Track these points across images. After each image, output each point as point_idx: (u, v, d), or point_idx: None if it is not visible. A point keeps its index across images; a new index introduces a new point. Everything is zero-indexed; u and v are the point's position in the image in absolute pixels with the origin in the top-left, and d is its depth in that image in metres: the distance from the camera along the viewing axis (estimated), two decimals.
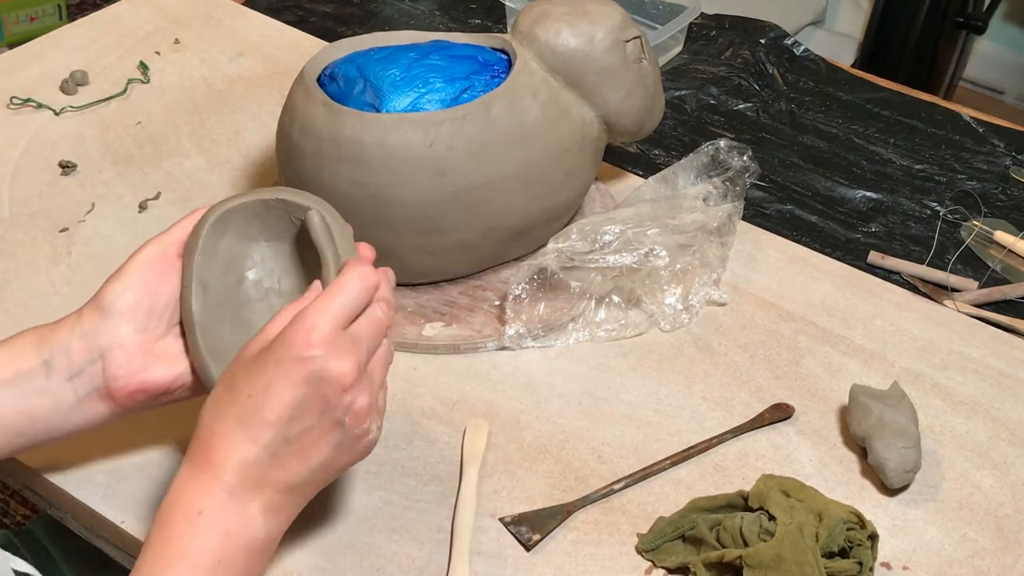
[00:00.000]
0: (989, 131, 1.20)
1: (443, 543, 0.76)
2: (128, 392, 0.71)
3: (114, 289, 0.71)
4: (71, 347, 0.70)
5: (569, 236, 0.90)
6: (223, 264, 0.73)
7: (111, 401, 0.71)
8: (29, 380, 0.70)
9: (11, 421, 0.70)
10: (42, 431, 0.71)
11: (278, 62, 1.24)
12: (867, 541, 0.74)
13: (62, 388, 0.70)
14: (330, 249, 0.70)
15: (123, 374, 0.70)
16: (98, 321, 0.70)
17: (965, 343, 0.93)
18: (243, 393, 0.63)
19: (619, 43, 0.92)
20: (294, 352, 0.62)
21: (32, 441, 0.72)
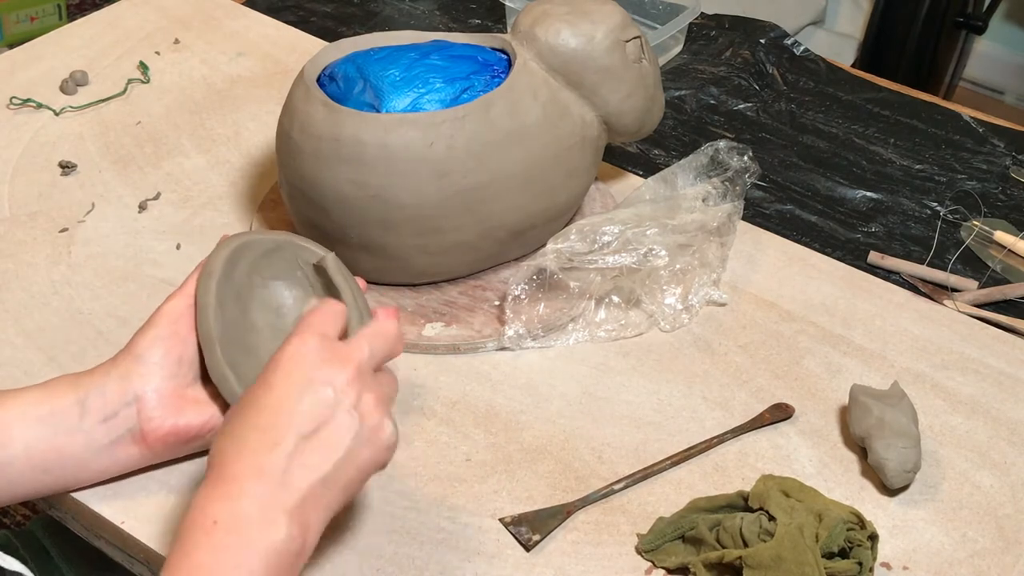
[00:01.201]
0: (989, 131, 1.20)
1: (443, 543, 0.76)
2: (161, 435, 0.73)
3: (145, 339, 0.74)
4: (107, 389, 0.73)
5: (568, 236, 0.90)
6: (235, 293, 0.76)
7: (143, 444, 0.74)
8: (63, 419, 0.72)
9: (41, 458, 0.72)
10: (70, 472, 0.73)
11: (278, 62, 1.24)
12: (867, 541, 0.74)
13: (95, 429, 0.73)
14: (348, 287, 0.75)
15: (157, 416, 0.73)
16: (132, 367, 0.73)
17: (965, 343, 0.93)
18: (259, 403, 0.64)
19: (619, 43, 0.92)
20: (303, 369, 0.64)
21: (58, 481, 0.74)
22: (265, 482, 0.62)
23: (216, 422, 0.74)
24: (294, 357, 0.64)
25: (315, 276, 0.79)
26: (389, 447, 0.67)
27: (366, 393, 0.65)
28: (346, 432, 0.64)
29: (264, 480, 0.62)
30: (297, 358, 0.64)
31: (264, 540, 0.60)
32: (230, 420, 0.65)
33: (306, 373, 0.64)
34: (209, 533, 0.60)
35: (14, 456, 0.71)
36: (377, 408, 0.66)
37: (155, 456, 0.75)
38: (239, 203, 1.04)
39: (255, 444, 0.63)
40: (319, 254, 0.78)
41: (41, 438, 0.72)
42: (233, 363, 0.73)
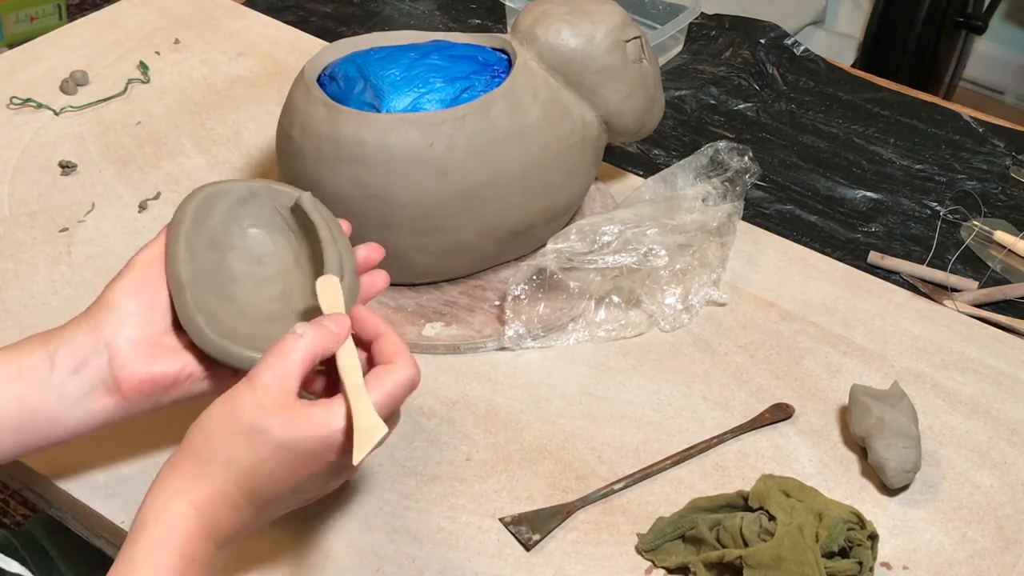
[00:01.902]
0: (989, 131, 1.20)
1: (443, 543, 0.76)
2: (136, 382, 0.71)
3: (116, 288, 0.72)
4: (77, 341, 0.71)
5: (568, 237, 0.90)
6: (208, 240, 0.75)
7: (118, 394, 0.71)
8: (33, 375, 0.70)
9: (15, 418, 0.70)
10: (45, 429, 0.71)
11: (278, 62, 1.24)
12: (867, 541, 0.74)
13: (67, 382, 0.70)
14: (325, 224, 0.73)
15: (130, 363, 0.70)
16: (103, 316, 0.71)
17: (965, 343, 0.93)
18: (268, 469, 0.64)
19: (619, 43, 0.92)
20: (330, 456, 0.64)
21: (36, 441, 0.72)
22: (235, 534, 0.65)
23: (192, 369, 0.72)
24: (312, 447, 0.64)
25: (293, 219, 0.77)
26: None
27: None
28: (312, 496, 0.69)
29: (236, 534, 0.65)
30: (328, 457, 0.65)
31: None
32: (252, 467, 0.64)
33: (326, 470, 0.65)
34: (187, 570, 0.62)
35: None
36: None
37: (132, 407, 0.72)
38: None
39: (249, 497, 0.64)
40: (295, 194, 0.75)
41: (11, 398, 0.70)
42: (207, 309, 0.71)
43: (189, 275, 0.72)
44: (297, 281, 0.75)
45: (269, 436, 0.63)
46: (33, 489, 0.82)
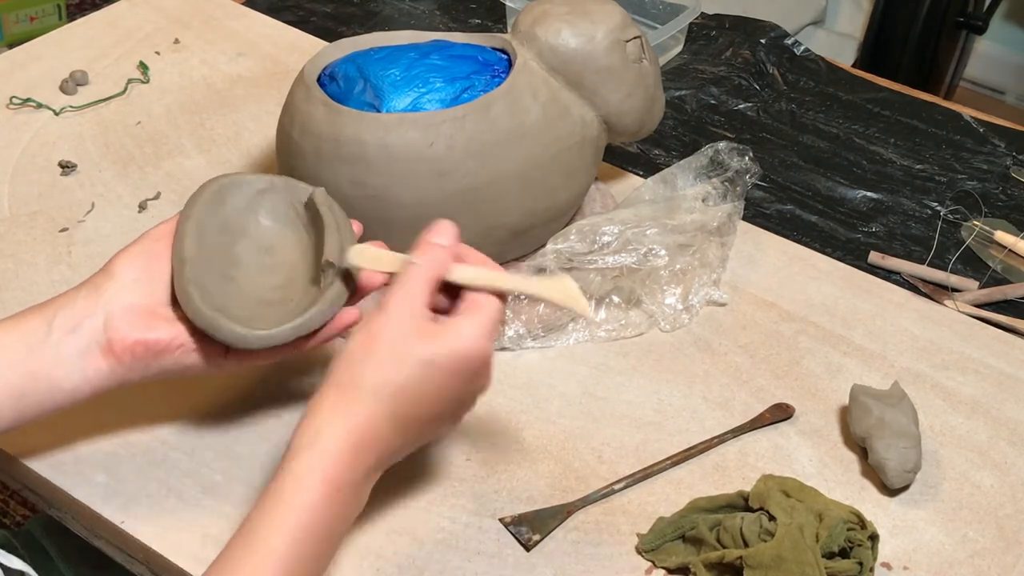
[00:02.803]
0: (989, 131, 1.20)
1: (443, 543, 0.76)
2: (128, 344, 0.71)
3: (121, 257, 0.74)
4: (75, 305, 0.72)
5: (568, 236, 0.90)
6: (220, 225, 0.76)
7: (111, 356, 0.72)
8: (31, 339, 0.71)
9: (15, 384, 0.71)
10: (44, 393, 0.72)
11: (278, 62, 1.24)
12: (867, 541, 0.74)
13: (62, 342, 0.71)
14: (333, 215, 0.74)
15: (124, 326, 0.72)
16: (103, 282, 0.73)
17: (966, 343, 0.93)
18: (415, 388, 0.65)
19: (619, 43, 0.92)
20: (475, 367, 0.66)
21: (35, 406, 0.72)
22: (382, 460, 0.66)
23: (184, 340, 0.73)
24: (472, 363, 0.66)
25: (307, 215, 0.78)
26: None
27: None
28: (455, 422, 0.71)
29: (382, 459, 0.66)
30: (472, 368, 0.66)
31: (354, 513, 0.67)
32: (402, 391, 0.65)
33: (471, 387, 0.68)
34: (330, 498, 0.63)
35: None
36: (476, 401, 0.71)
37: (126, 371, 0.73)
38: None
39: (397, 417, 0.65)
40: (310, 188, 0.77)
41: (12, 364, 0.71)
42: (203, 284, 0.73)
43: (193, 251, 0.74)
44: (301, 273, 0.77)
45: (414, 356, 0.65)
46: (33, 489, 0.82)
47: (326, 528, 0.63)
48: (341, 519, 0.65)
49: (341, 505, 0.64)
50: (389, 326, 0.65)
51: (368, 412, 0.64)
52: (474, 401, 0.70)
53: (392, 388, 0.65)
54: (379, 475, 0.68)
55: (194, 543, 0.75)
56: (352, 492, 0.65)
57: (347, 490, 0.64)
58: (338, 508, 0.64)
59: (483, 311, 0.67)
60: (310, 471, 0.63)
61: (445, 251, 0.68)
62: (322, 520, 0.63)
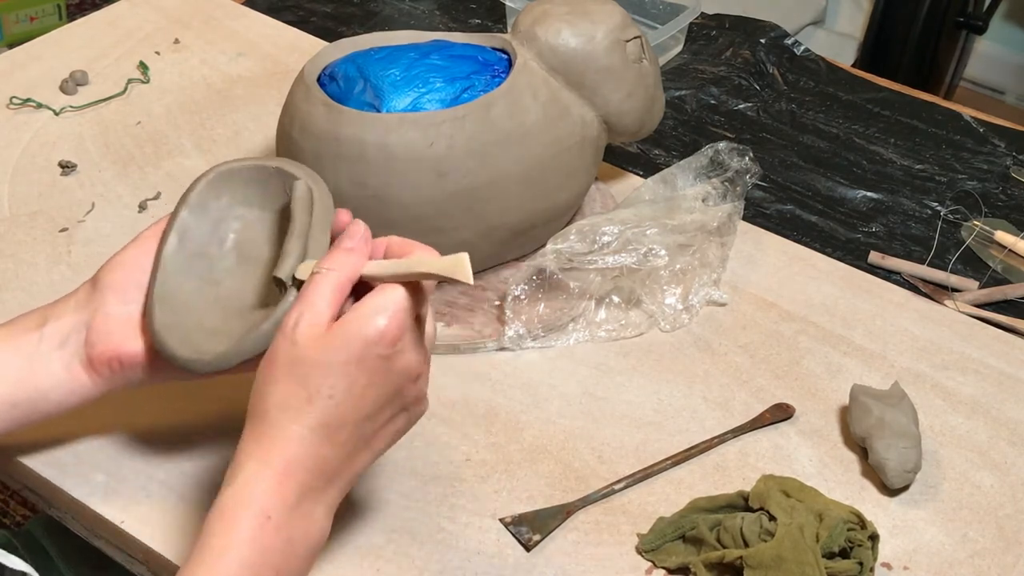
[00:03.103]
0: (989, 131, 1.20)
1: (443, 543, 0.76)
2: (104, 359, 0.71)
3: (108, 265, 0.73)
4: (65, 317, 0.72)
5: (568, 237, 0.90)
6: (211, 222, 0.74)
7: (91, 371, 0.72)
8: (25, 349, 0.72)
9: (8, 392, 0.71)
10: (36, 403, 0.72)
11: (278, 62, 1.24)
12: (867, 541, 0.74)
13: (51, 356, 0.72)
14: (301, 219, 0.70)
15: (99, 340, 0.71)
16: (90, 293, 0.73)
17: (966, 343, 0.93)
18: (323, 394, 0.62)
19: (619, 43, 0.92)
20: (378, 350, 0.62)
21: (27, 415, 0.73)
22: (323, 478, 0.63)
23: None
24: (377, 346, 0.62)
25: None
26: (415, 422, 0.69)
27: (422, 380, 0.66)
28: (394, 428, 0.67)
29: (322, 476, 0.63)
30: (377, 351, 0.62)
31: (307, 541, 0.63)
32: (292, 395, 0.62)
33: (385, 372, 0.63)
34: (262, 528, 0.61)
35: None
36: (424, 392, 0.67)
37: (105, 383, 0.72)
38: None
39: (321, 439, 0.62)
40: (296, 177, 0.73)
41: (6, 374, 0.71)
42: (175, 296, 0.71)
43: (170, 257, 0.72)
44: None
45: (310, 363, 0.62)
46: (33, 489, 0.82)
47: (268, 559, 0.61)
48: (286, 546, 0.62)
49: (275, 533, 0.61)
50: (285, 342, 0.63)
51: (281, 435, 0.62)
52: (412, 383, 0.66)
53: (298, 403, 0.62)
54: (331, 492, 0.64)
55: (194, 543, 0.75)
56: (286, 518, 0.61)
57: (279, 517, 0.61)
58: (273, 538, 0.61)
59: (376, 296, 0.63)
60: (232, 505, 0.61)
61: (351, 253, 0.65)
62: (260, 552, 0.60)
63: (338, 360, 0.62)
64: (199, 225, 0.74)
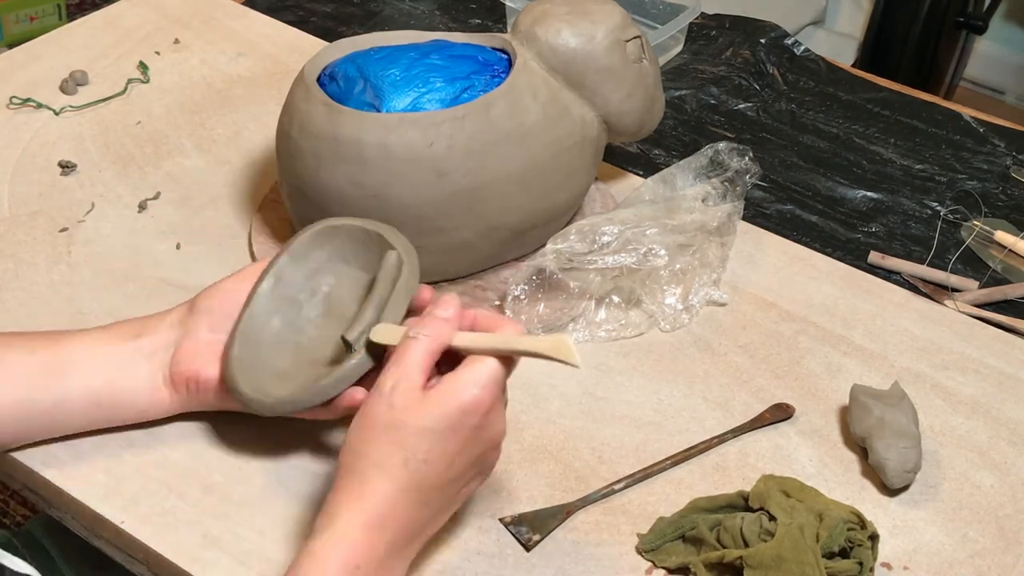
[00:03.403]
0: (989, 131, 1.20)
1: (443, 543, 0.76)
2: (183, 379, 0.76)
3: (208, 291, 0.78)
4: (159, 332, 0.77)
5: (568, 237, 0.90)
6: (308, 271, 0.78)
7: (171, 386, 0.77)
8: (119, 353, 0.77)
9: (96, 391, 0.76)
10: (121, 408, 0.77)
11: (278, 62, 1.24)
12: (867, 541, 0.74)
13: (140, 366, 0.77)
14: (382, 289, 0.73)
15: (184, 360, 0.76)
16: (185, 315, 0.77)
17: (966, 343, 0.93)
18: (417, 458, 0.65)
19: (619, 43, 0.92)
20: (472, 420, 0.66)
21: (110, 417, 0.78)
22: (409, 535, 0.67)
23: None
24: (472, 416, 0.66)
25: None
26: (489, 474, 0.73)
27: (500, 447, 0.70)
28: (470, 490, 0.70)
29: (408, 534, 0.67)
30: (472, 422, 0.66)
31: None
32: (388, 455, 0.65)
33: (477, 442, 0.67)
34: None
35: (72, 392, 0.76)
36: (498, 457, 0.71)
37: (182, 401, 0.78)
38: (239, 203, 1.04)
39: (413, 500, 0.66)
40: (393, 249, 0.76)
41: (99, 374, 0.76)
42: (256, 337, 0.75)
43: (264, 293, 0.76)
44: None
45: (409, 428, 0.65)
46: (32, 489, 0.82)
47: None
48: None
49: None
50: (383, 405, 0.66)
51: (379, 492, 0.65)
52: (494, 450, 0.70)
53: (396, 464, 0.65)
54: (413, 547, 0.68)
55: (194, 543, 0.75)
56: (375, 569, 0.65)
57: (368, 568, 0.64)
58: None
59: (473, 366, 0.67)
60: (324, 551, 0.64)
61: (446, 323, 0.69)
62: None
63: (434, 427, 0.65)
64: (296, 272, 0.77)
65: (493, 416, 0.67)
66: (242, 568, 0.74)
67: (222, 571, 0.73)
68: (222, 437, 0.82)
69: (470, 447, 0.67)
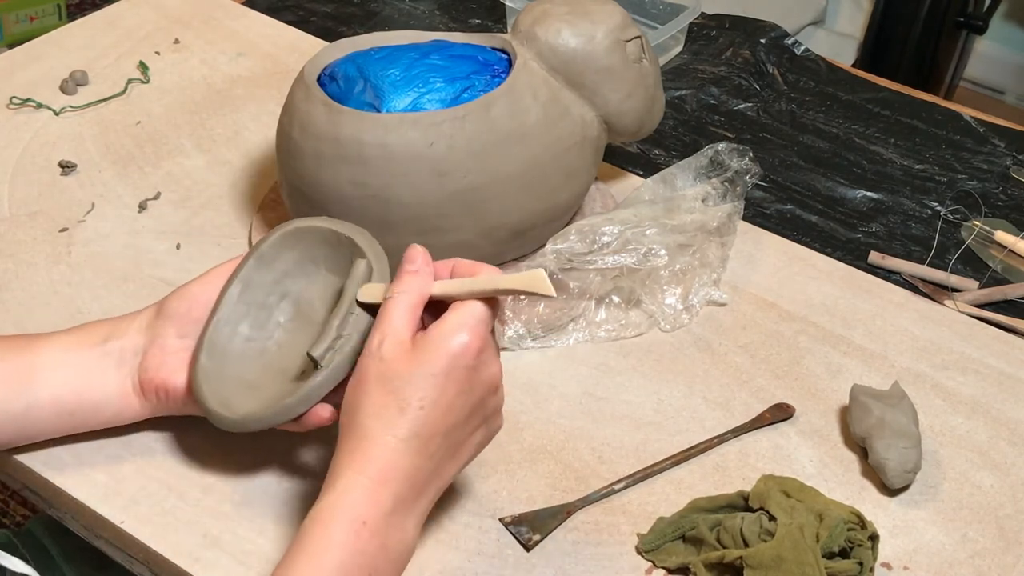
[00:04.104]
0: (989, 131, 1.20)
1: (443, 543, 0.76)
2: (152, 387, 0.75)
3: (175, 294, 0.77)
4: (127, 337, 0.76)
5: (568, 237, 0.90)
6: (277, 274, 0.77)
7: (141, 395, 0.76)
8: (88, 360, 0.75)
9: (65, 400, 0.75)
10: (91, 415, 0.76)
11: (278, 62, 1.24)
12: (867, 541, 0.74)
13: (109, 374, 0.76)
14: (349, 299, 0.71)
15: (152, 367, 0.75)
16: (154, 320, 0.76)
17: (966, 343, 0.93)
18: (413, 405, 0.65)
19: (619, 43, 0.92)
20: (464, 361, 0.65)
21: (81, 424, 0.77)
22: (415, 488, 0.66)
23: None
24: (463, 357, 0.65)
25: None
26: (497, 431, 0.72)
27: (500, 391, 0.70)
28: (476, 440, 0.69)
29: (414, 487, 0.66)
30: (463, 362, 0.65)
31: (398, 548, 0.66)
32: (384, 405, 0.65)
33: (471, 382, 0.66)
34: (357, 534, 0.63)
35: (41, 398, 0.75)
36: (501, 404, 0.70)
37: (154, 409, 0.77)
38: (239, 203, 1.04)
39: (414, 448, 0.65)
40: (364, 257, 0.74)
41: (67, 382, 0.75)
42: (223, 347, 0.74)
43: (232, 300, 0.75)
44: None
45: (401, 376, 0.65)
46: (33, 489, 0.82)
47: (363, 562, 0.63)
48: (380, 551, 0.64)
49: (370, 538, 0.64)
50: (373, 361, 0.66)
51: (378, 444, 0.65)
52: (493, 394, 0.69)
53: (393, 414, 0.65)
54: (422, 503, 0.67)
55: (194, 543, 0.75)
56: (382, 524, 0.64)
57: (375, 523, 0.64)
58: (368, 542, 0.63)
59: (458, 311, 0.67)
60: (329, 511, 0.64)
61: (418, 275, 0.68)
62: (355, 555, 0.63)
63: (427, 372, 0.65)
64: (264, 275, 0.76)
65: (485, 356, 0.67)
66: (242, 568, 0.74)
67: (222, 571, 0.74)
68: (222, 437, 0.82)
69: (467, 391, 0.66)
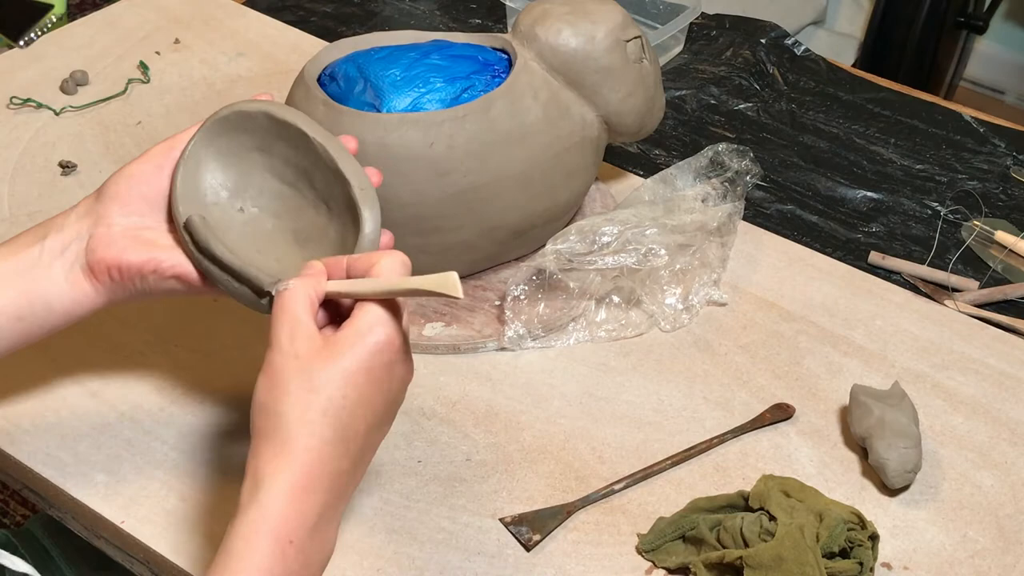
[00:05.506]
0: (990, 131, 1.20)
1: (443, 543, 0.76)
2: (104, 267, 0.72)
3: (114, 177, 0.74)
4: (67, 226, 0.73)
5: (568, 237, 0.90)
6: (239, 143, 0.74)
7: (92, 277, 0.73)
8: (26, 260, 0.73)
9: (13, 305, 0.72)
10: (42, 315, 0.73)
11: (278, 62, 1.24)
12: (868, 541, 0.74)
13: (52, 265, 0.73)
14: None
15: (100, 248, 0.72)
16: (94, 203, 0.73)
17: (966, 343, 0.93)
18: (335, 404, 0.61)
19: (620, 43, 0.92)
20: (384, 357, 0.63)
21: (35, 327, 0.74)
22: (336, 493, 0.63)
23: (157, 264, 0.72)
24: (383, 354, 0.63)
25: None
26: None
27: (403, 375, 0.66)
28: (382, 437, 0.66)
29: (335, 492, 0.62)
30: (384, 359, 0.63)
31: (322, 558, 0.63)
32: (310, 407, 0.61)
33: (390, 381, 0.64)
34: (284, 554, 0.60)
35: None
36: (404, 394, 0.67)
37: (107, 292, 0.73)
38: None
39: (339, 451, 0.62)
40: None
41: (10, 286, 0.72)
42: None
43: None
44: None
45: (321, 373, 0.61)
46: (33, 489, 0.82)
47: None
48: (303, 569, 0.61)
49: (296, 557, 0.60)
50: (288, 358, 0.62)
51: (302, 449, 0.61)
52: (403, 391, 0.66)
53: (316, 415, 0.61)
54: (341, 507, 0.64)
55: (194, 543, 0.75)
56: (308, 539, 0.61)
57: (301, 541, 0.60)
58: (293, 562, 0.60)
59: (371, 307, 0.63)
60: (256, 531, 0.59)
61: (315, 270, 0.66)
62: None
63: (348, 368, 0.62)
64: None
65: (403, 353, 0.64)
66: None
67: None
68: (222, 437, 0.82)
69: (385, 389, 0.64)
